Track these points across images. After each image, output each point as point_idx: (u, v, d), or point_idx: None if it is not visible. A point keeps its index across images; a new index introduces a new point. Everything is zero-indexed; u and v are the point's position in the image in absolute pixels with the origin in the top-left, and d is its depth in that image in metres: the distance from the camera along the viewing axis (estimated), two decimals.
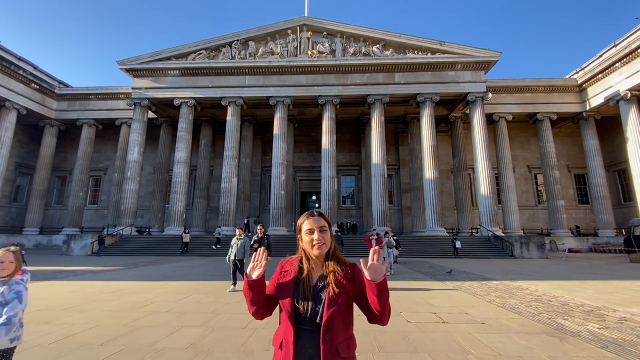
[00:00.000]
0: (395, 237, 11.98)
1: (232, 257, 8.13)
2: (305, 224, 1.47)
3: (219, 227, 21.99)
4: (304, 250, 1.48)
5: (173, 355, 3.66)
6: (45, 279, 9.68)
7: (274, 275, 1.49)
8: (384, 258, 1.44)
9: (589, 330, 4.55)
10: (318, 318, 1.33)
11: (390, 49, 24.00)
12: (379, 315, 1.36)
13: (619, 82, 23.01)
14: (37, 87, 26.70)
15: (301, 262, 1.48)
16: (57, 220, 29.42)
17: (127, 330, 4.58)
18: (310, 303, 1.37)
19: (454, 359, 3.55)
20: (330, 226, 1.49)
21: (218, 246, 19.97)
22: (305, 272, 1.44)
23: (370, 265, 1.34)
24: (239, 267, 8.12)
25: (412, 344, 4.02)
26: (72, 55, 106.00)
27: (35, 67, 27.78)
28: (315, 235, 1.42)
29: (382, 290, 1.32)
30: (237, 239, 8.40)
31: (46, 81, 27.78)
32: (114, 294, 7.28)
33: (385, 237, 11.36)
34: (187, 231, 20.26)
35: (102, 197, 30.44)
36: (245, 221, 25.69)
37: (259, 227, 8.69)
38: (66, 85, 30.43)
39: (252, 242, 8.42)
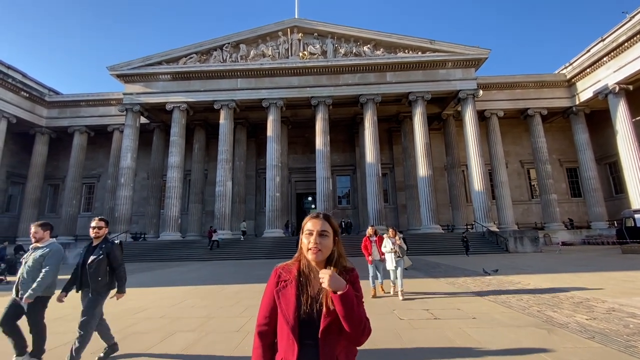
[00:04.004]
0: (402, 237, 7.80)
1: (14, 294, 3.56)
2: (307, 224, 1.37)
3: (244, 221, 24.63)
4: (303, 254, 1.37)
5: None
6: None
7: (270, 286, 1.37)
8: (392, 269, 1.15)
9: (577, 322, 4.64)
10: (321, 328, 1.23)
11: (381, 49, 24.12)
12: (350, 333, 1.23)
13: (607, 76, 23.32)
14: (27, 95, 26.44)
15: (300, 268, 1.36)
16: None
17: (120, 336, 4.58)
18: (313, 315, 1.26)
19: (443, 353, 3.60)
20: (336, 233, 1.38)
21: (241, 238, 22.53)
22: (306, 280, 1.32)
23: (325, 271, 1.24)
24: (29, 319, 3.53)
25: (403, 340, 4.07)
26: (62, 62, 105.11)
27: (24, 75, 27.51)
28: (312, 238, 1.31)
29: (345, 304, 1.20)
30: (34, 248, 3.68)
31: (36, 89, 27.52)
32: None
33: (389, 238, 7.19)
34: (215, 230, 21.15)
35: (95, 204, 30.19)
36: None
37: (93, 224, 3.75)
38: (56, 93, 30.15)
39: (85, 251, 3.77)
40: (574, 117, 26.96)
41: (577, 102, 26.27)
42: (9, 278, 11.69)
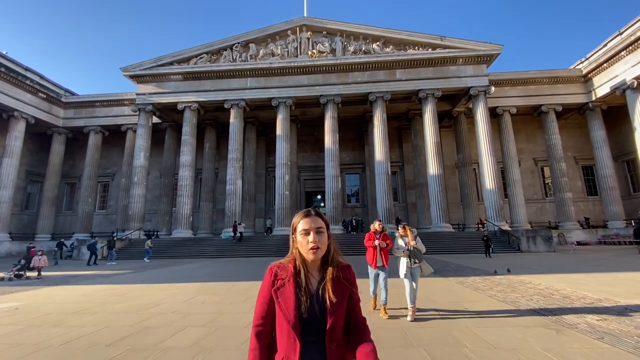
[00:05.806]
0: (416, 235, 5.72)
1: None
2: (300, 223, 1.34)
3: (269, 218, 26.23)
4: (299, 252, 1.35)
5: (176, 354, 3.80)
6: (55, 284, 9.95)
7: (266, 285, 1.34)
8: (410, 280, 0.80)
9: (587, 322, 4.58)
10: (328, 326, 1.25)
11: (391, 46, 23.94)
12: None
13: (625, 70, 22.64)
14: (45, 96, 27.23)
15: (296, 266, 1.34)
16: (68, 226, 29.97)
17: (133, 330, 4.74)
18: (315, 312, 1.26)
19: (448, 352, 3.62)
20: (328, 227, 1.36)
21: (270, 234, 23.56)
22: (304, 278, 1.31)
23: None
24: None
25: (409, 338, 4.10)
26: (76, 62, 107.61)
27: (41, 77, 28.29)
28: (311, 237, 1.30)
29: None
30: None
31: (53, 90, 28.31)
32: (122, 297, 7.48)
33: (400, 236, 5.59)
34: (240, 224, 22.11)
35: (110, 202, 30.93)
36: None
37: None
38: (72, 94, 30.94)
39: None
40: (590, 114, 26.28)
41: (594, 98, 25.59)
42: (28, 273, 12.12)
